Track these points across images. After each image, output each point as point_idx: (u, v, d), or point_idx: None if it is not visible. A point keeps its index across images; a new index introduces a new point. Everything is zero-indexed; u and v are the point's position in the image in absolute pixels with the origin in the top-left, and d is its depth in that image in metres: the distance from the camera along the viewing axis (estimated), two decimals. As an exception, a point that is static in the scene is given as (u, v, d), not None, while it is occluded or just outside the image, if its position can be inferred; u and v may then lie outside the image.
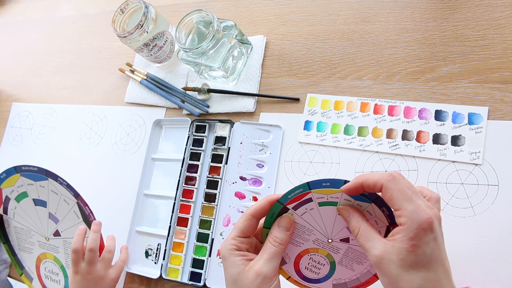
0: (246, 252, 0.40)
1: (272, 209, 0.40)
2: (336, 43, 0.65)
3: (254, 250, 0.41)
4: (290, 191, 0.39)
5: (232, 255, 0.39)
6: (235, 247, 0.39)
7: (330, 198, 0.38)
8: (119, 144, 0.77)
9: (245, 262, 0.38)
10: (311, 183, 0.38)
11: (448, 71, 0.56)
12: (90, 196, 0.76)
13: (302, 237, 0.41)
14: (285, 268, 0.43)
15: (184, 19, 0.64)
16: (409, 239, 0.33)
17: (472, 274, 0.48)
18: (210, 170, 0.66)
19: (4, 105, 0.95)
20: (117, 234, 0.70)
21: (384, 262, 0.34)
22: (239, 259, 0.38)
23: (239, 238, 0.39)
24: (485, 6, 0.57)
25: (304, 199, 0.39)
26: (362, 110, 0.59)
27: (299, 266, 0.42)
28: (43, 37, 0.99)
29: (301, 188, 0.38)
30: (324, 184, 0.38)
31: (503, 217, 0.48)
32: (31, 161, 0.85)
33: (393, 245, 0.34)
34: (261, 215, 0.40)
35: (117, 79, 0.82)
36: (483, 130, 0.52)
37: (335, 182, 0.37)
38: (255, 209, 0.39)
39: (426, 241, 0.33)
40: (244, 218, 0.40)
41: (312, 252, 0.41)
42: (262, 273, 0.37)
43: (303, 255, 0.42)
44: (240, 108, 0.67)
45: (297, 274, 0.42)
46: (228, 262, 0.39)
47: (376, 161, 0.56)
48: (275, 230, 0.39)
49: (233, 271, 0.38)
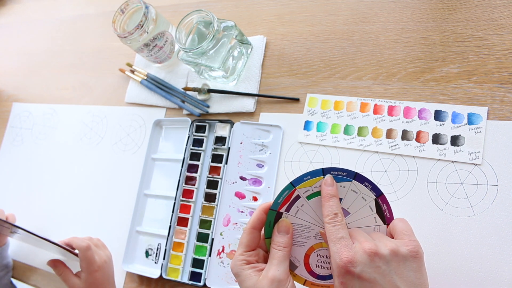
0: (256, 263, 0.41)
1: (268, 219, 0.41)
2: (336, 43, 0.65)
3: (263, 260, 0.43)
4: (278, 196, 0.41)
5: (243, 269, 0.40)
6: (245, 262, 0.41)
7: (315, 188, 0.40)
8: (119, 144, 0.77)
9: (258, 273, 0.40)
10: (293, 181, 0.40)
11: (447, 71, 0.56)
12: (90, 196, 0.76)
13: (303, 236, 0.42)
14: (298, 272, 0.43)
15: (184, 19, 0.65)
16: (337, 277, 0.37)
17: (471, 274, 0.48)
18: (210, 170, 0.66)
19: (5, 105, 0.95)
20: (117, 234, 0.70)
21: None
22: (251, 272, 0.40)
23: (246, 253, 0.41)
24: (484, 7, 0.57)
25: (293, 198, 0.41)
26: (362, 110, 0.59)
27: (310, 266, 0.43)
28: (43, 37, 0.99)
29: (287, 189, 0.40)
30: (305, 178, 0.40)
31: (503, 217, 0.49)
32: (31, 162, 0.85)
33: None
34: (260, 225, 0.42)
35: (117, 79, 0.83)
36: (482, 130, 0.52)
37: (315, 173, 0.40)
38: (253, 221, 0.41)
39: (350, 279, 0.36)
40: (246, 233, 0.41)
41: (317, 248, 0.42)
42: (276, 277, 0.38)
43: (309, 253, 0.43)
44: (240, 108, 0.67)
45: (310, 275, 0.43)
46: (242, 277, 0.40)
47: (376, 161, 0.56)
48: (275, 237, 0.41)
49: (248, 283, 0.40)
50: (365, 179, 0.39)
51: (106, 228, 0.72)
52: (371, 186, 0.39)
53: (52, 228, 0.77)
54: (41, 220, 0.79)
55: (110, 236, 0.71)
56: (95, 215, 0.74)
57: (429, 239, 0.51)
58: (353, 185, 0.40)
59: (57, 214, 0.78)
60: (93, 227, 0.74)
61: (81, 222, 0.75)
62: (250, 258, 0.41)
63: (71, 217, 0.76)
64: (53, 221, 0.78)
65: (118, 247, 0.69)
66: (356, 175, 0.39)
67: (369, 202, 0.40)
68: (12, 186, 0.85)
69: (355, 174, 0.39)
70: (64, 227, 0.76)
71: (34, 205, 0.81)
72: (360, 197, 0.40)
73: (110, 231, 0.72)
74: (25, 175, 0.85)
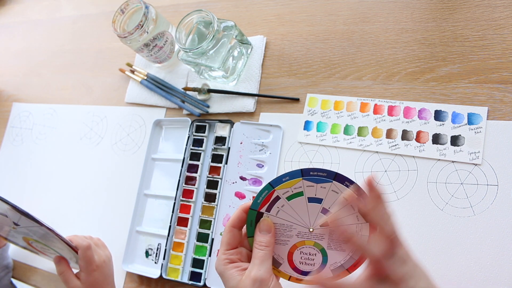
0: (239, 262, 0.42)
1: (249, 218, 0.42)
2: (336, 43, 0.65)
3: (246, 259, 0.43)
4: (257, 196, 0.41)
5: (227, 269, 0.41)
6: (228, 261, 0.42)
7: (295, 190, 0.40)
8: (119, 144, 0.77)
9: (241, 273, 0.40)
10: (272, 182, 0.40)
11: (447, 71, 0.56)
12: (90, 196, 0.76)
13: (285, 235, 0.42)
14: (282, 269, 0.44)
15: (184, 19, 0.65)
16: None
17: (471, 274, 0.48)
18: (210, 170, 0.66)
19: (5, 105, 0.95)
20: (117, 234, 0.70)
21: None
22: (234, 271, 0.41)
23: (228, 251, 0.42)
24: (484, 7, 0.57)
25: (273, 199, 0.41)
26: (362, 110, 0.59)
27: (294, 263, 0.43)
28: (43, 37, 0.99)
29: (266, 190, 0.40)
30: (284, 179, 0.40)
31: (503, 217, 0.49)
32: (31, 161, 0.85)
33: None
34: (240, 223, 0.42)
35: (118, 79, 0.83)
36: (482, 130, 0.52)
37: (293, 174, 0.39)
38: (233, 220, 0.42)
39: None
40: (226, 231, 0.42)
41: (300, 245, 0.43)
42: (258, 277, 0.39)
43: (293, 251, 0.43)
44: (240, 108, 0.67)
45: (295, 271, 0.44)
46: (225, 277, 0.41)
47: (376, 161, 0.56)
48: (257, 236, 0.42)
49: (232, 283, 0.40)
50: (345, 179, 0.39)
51: (106, 228, 0.72)
52: (352, 184, 0.39)
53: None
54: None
55: (110, 236, 0.71)
56: (95, 215, 0.74)
57: (429, 239, 0.51)
58: (333, 186, 0.39)
59: (57, 214, 0.78)
60: (93, 227, 0.74)
61: (81, 222, 0.75)
62: (233, 256, 0.42)
63: (71, 217, 0.76)
64: (53, 221, 0.77)
65: (118, 247, 0.68)
66: (336, 176, 0.39)
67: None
68: (12, 186, 0.85)
69: (335, 175, 0.39)
70: (64, 227, 0.76)
71: (34, 205, 0.81)
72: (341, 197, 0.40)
73: (110, 231, 0.72)
74: (25, 175, 0.85)
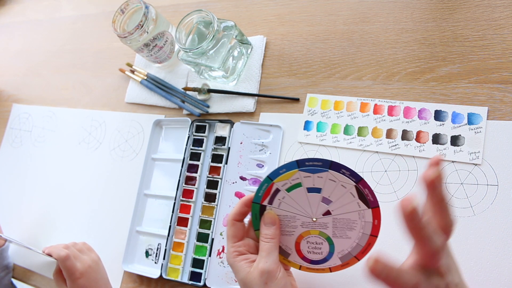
0: (248, 254, 0.43)
1: (253, 212, 0.43)
2: (336, 43, 0.65)
3: (254, 250, 0.45)
4: (258, 189, 0.42)
5: (236, 261, 0.43)
6: (237, 253, 0.43)
7: (293, 181, 0.41)
8: (117, 151, 0.77)
9: (250, 264, 0.42)
10: (270, 175, 0.41)
11: (447, 71, 0.56)
12: (90, 197, 0.76)
13: (290, 226, 0.43)
14: (292, 259, 0.45)
15: (184, 19, 0.65)
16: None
17: (471, 274, 0.48)
18: (210, 170, 0.66)
19: (5, 105, 0.95)
20: (117, 234, 0.70)
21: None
22: (243, 263, 0.42)
23: (235, 244, 0.44)
24: (484, 7, 0.57)
25: (273, 192, 0.42)
26: (362, 110, 0.59)
27: (302, 253, 0.44)
28: (43, 37, 0.99)
29: (265, 183, 0.41)
30: (281, 171, 0.41)
31: (503, 217, 0.49)
32: (29, 164, 0.85)
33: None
34: (241, 216, 0.44)
35: (118, 79, 0.83)
36: (482, 130, 0.52)
37: (289, 166, 0.40)
38: (233, 214, 0.44)
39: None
40: (229, 225, 0.44)
41: (306, 235, 0.43)
42: (265, 269, 0.41)
43: (299, 241, 0.44)
44: (240, 108, 0.67)
45: (304, 260, 0.45)
46: (235, 268, 0.43)
47: (376, 161, 0.56)
48: (263, 229, 0.43)
49: (241, 275, 0.42)
50: (341, 167, 0.39)
51: (106, 228, 0.72)
52: (349, 172, 0.39)
53: (51, 231, 0.77)
54: (39, 222, 0.79)
55: (110, 236, 0.71)
56: (95, 216, 0.74)
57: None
58: (330, 175, 0.39)
59: (56, 215, 0.78)
60: (93, 228, 0.74)
61: (81, 223, 0.75)
62: (241, 248, 0.43)
63: (70, 218, 0.76)
64: (52, 223, 0.78)
65: (118, 247, 0.68)
66: (332, 164, 0.39)
67: (349, 189, 0.40)
68: (10, 188, 0.85)
69: (331, 163, 0.39)
70: (63, 230, 0.76)
71: (33, 207, 0.81)
72: (339, 185, 0.40)
73: (110, 231, 0.72)
74: (24, 177, 0.85)
